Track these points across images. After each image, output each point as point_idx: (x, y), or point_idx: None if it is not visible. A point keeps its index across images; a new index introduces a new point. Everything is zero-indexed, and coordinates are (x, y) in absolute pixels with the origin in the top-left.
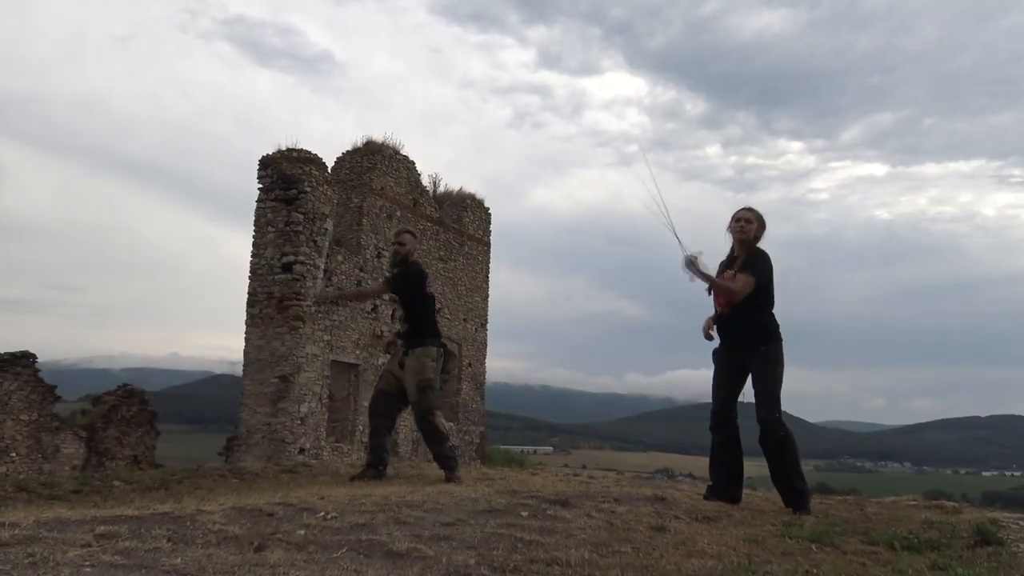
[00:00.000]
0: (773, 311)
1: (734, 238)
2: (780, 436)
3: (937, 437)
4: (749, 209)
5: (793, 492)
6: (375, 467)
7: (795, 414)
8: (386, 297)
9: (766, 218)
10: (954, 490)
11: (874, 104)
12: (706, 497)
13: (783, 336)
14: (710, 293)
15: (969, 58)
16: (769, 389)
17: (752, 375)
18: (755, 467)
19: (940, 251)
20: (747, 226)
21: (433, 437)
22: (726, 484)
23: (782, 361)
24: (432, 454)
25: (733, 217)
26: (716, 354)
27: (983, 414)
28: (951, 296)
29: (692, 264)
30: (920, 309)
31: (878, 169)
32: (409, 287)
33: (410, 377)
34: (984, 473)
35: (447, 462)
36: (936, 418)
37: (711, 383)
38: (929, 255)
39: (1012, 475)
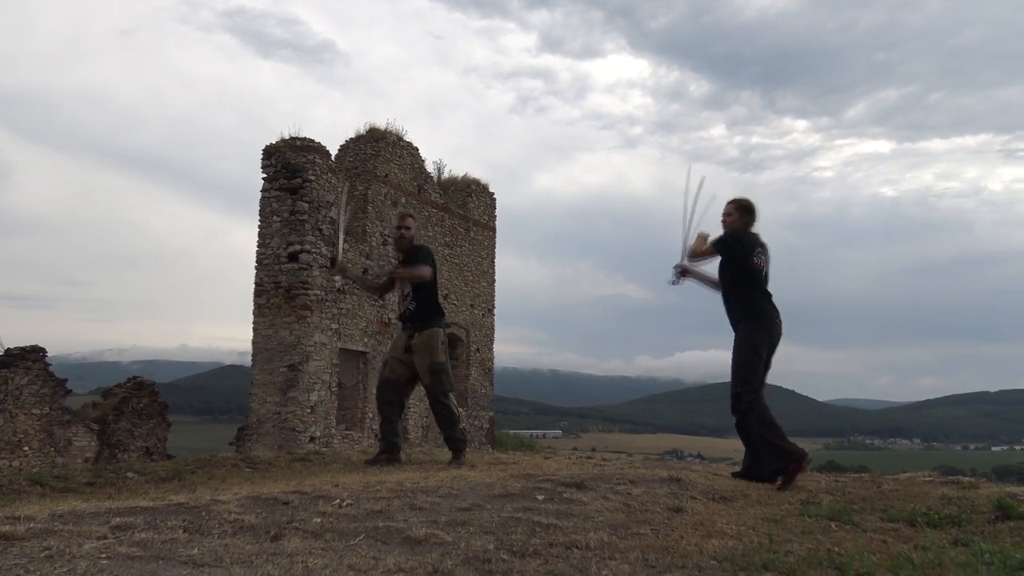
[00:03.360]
0: (755, 290)
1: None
2: (741, 410)
3: (946, 413)
4: (732, 202)
5: (761, 462)
6: (389, 452)
7: (803, 393)
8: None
9: (762, 200)
10: (964, 465)
11: (879, 81)
12: (735, 475)
13: (783, 318)
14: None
15: (976, 32)
16: (735, 365)
17: None
18: None
19: (946, 227)
20: (727, 218)
21: (446, 419)
22: (751, 462)
23: (755, 339)
24: (443, 436)
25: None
26: None
27: (992, 389)
28: (958, 272)
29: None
30: (927, 286)
31: (883, 146)
32: (426, 264)
33: (421, 360)
34: (994, 448)
35: (457, 444)
36: (945, 394)
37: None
38: (935, 231)
39: (1022, 449)
